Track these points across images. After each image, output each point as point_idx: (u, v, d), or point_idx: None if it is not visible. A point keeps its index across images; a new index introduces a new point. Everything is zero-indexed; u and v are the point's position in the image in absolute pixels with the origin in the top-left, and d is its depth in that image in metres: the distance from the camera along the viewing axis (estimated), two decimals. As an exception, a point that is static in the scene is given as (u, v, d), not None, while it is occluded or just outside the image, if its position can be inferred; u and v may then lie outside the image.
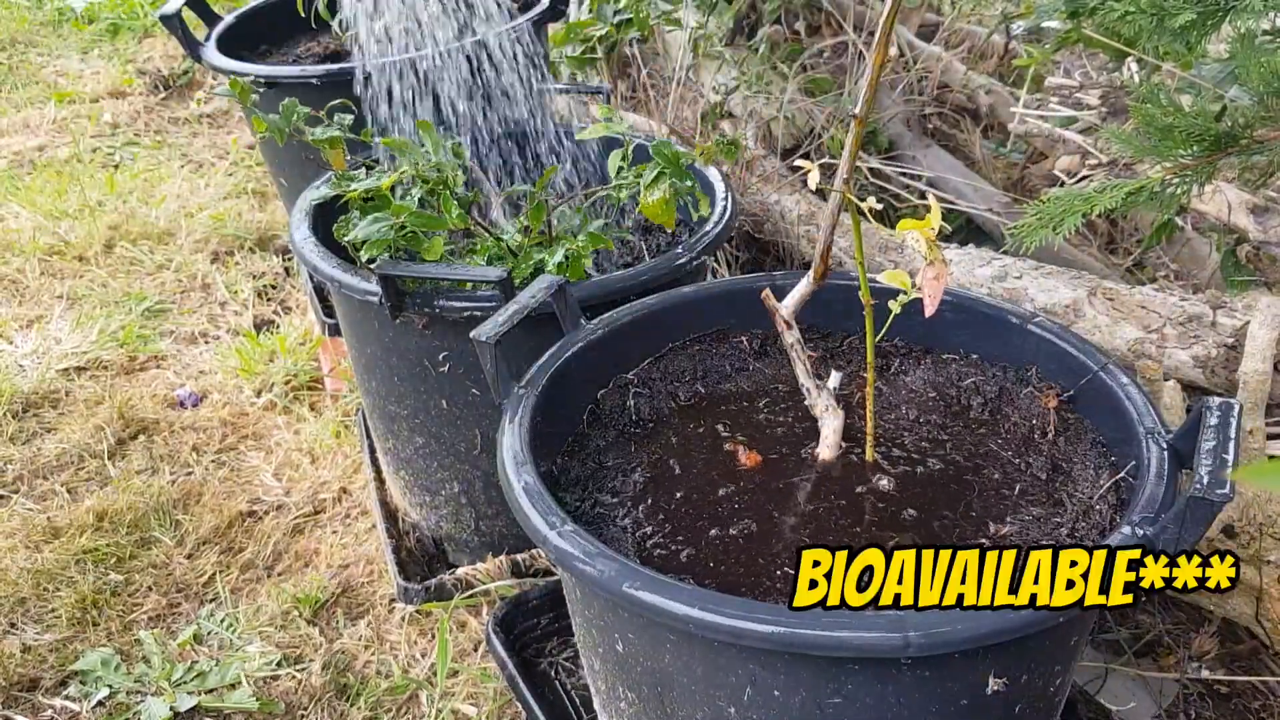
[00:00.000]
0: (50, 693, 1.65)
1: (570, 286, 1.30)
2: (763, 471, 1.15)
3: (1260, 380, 1.43)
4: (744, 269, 2.29)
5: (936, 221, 0.97)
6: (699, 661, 0.96)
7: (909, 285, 1.04)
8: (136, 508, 1.98)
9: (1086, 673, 1.53)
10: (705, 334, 1.36)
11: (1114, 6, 1.32)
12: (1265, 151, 1.31)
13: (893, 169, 2.49)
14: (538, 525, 0.98)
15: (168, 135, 3.64)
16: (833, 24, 2.92)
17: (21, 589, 1.82)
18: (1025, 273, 1.73)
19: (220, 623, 1.75)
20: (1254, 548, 1.36)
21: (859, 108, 0.99)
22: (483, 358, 1.16)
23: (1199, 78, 1.74)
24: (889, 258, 1.94)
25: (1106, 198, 1.30)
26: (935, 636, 0.84)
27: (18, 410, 2.28)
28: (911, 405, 1.25)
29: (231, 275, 2.77)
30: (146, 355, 2.47)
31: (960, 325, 1.29)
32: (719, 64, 2.71)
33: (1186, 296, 1.61)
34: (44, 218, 3.03)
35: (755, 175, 2.30)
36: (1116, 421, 1.12)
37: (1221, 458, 0.94)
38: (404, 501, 1.83)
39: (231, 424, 2.23)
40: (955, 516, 1.08)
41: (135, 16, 4.50)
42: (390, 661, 1.67)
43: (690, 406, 1.28)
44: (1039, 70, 2.60)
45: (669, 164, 1.44)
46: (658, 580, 0.91)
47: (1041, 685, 1.01)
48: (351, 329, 1.66)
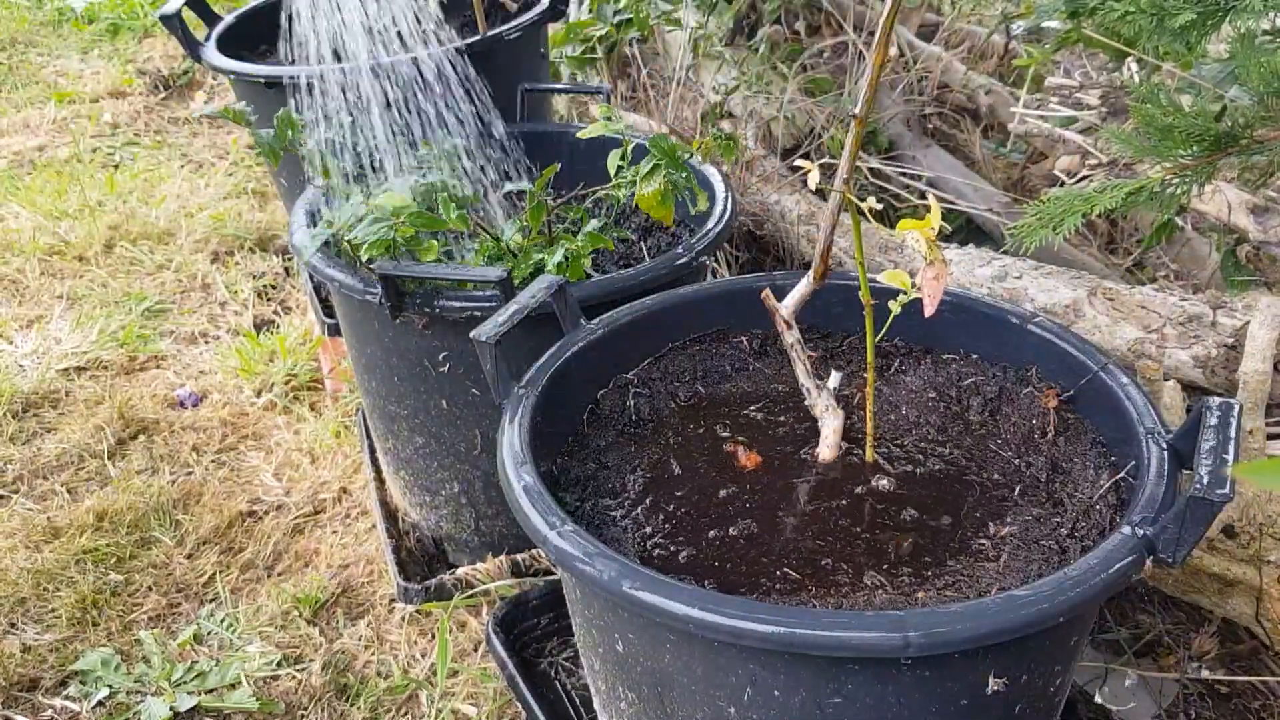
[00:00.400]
0: (50, 693, 1.65)
1: (570, 286, 1.30)
2: (763, 472, 1.15)
3: (1260, 380, 1.43)
4: (744, 269, 2.29)
5: (936, 222, 0.97)
6: (699, 661, 0.96)
7: (909, 285, 1.04)
8: (136, 508, 1.98)
9: (1086, 673, 1.53)
10: (705, 334, 1.36)
11: (1114, 6, 1.32)
12: (1265, 151, 1.31)
13: (893, 169, 2.49)
14: (538, 525, 0.98)
15: (168, 135, 3.64)
16: (833, 24, 2.93)
17: (21, 589, 1.82)
18: (1025, 273, 1.73)
19: (220, 623, 1.75)
20: (1254, 548, 1.36)
21: (859, 108, 0.99)
22: (483, 358, 1.16)
23: (1199, 78, 1.74)
24: (889, 258, 1.94)
25: (1106, 198, 1.30)
26: (935, 636, 0.84)
27: (18, 410, 2.28)
28: (911, 405, 1.25)
29: (231, 275, 2.77)
30: (146, 355, 2.47)
31: (960, 325, 1.29)
32: (719, 64, 2.71)
33: (1186, 296, 1.61)
34: (44, 218, 3.03)
35: (755, 175, 2.30)
36: (1116, 421, 1.12)
37: (1221, 458, 0.94)
38: (404, 501, 1.83)
39: (231, 424, 2.23)
40: (955, 517, 1.08)
41: (135, 16, 4.50)
42: (390, 661, 1.67)
43: (690, 407, 1.28)
44: (1039, 70, 2.60)
45: (665, 156, 1.43)
46: (658, 580, 0.91)
47: (1041, 685, 1.01)
48: (351, 329, 1.66)
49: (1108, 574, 0.89)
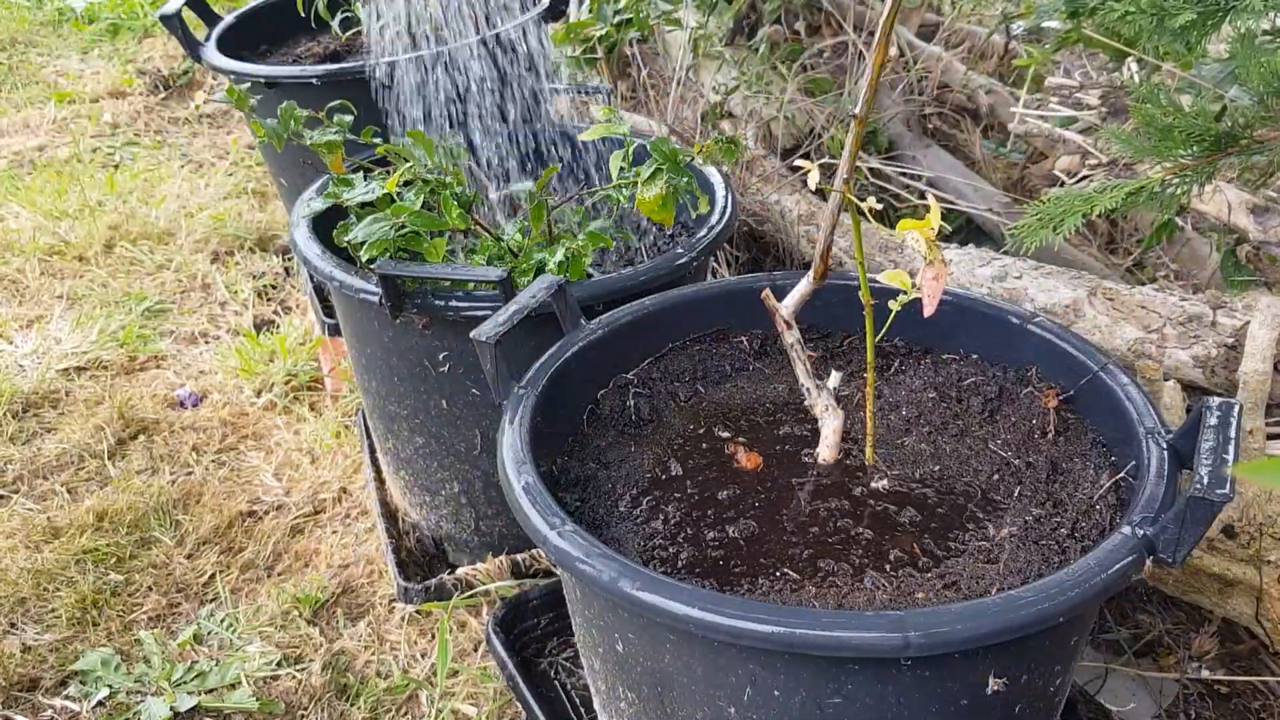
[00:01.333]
0: (50, 693, 1.65)
1: (570, 286, 1.30)
2: (763, 472, 1.15)
3: (1260, 380, 1.43)
4: (744, 269, 2.29)
5: (936, 222, 0.97)
6: (699, 661, 0.96)
7: (909, 285, 1.04)
8: (136, 508, 1.98)
9: (1086, 673, 1.53)
10: (705, 334, 1.36)
11: (1114, 6, 1.32)
12: (1265, 151, 1.31)
13: (893, 169, 2.49)
14: (538, 525, 0.98)
15: (168, 135, 3.64)
16: (833, 24, 2.92)
17: (21, 589, 1.82)
18: (1025, 273, 1.73)
19: (220, 623, 1.75)
20: (1254, 548, 1.36)
21: (859, 108, 0.99)
22: (483, 358, 1.16)
23: (1199, 78, 1.74)
24: (889, 258, 1.94)
25: (1106, 198, 1.30)
26: (935, 636, 0.84)
27: (18, 410, 2.28)
28: (911, 406, 1.25)
29: (231, 275, 2.77)
30: (146, 355, 2.47)
31: (960, 325, 1.29)
32: (719, 64, 2.71)
33: (1186, 296, 1.61)
34: (44, 218, 3.03)
35: (755, 175, 2.30)
36: (1116, 421, 1.12)
37: (1221, 458, 0.94)
38: (404, 501, 1.83)
39: (231, 424, 2.23)
40: (955, 517, 1.08)
41: (135, 16, 4.50)
42: (390, 662, 1.67)
43: (690, 407, 1.28)
44: (1039, 70, 2.60)
45: (666, 160, 1.43)
46: (658, 580, 0.91)
47: (1041, 685, 1.01)
48: (351, 329, 1.66)
49: (1108, 574, 0.89)
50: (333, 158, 1.63)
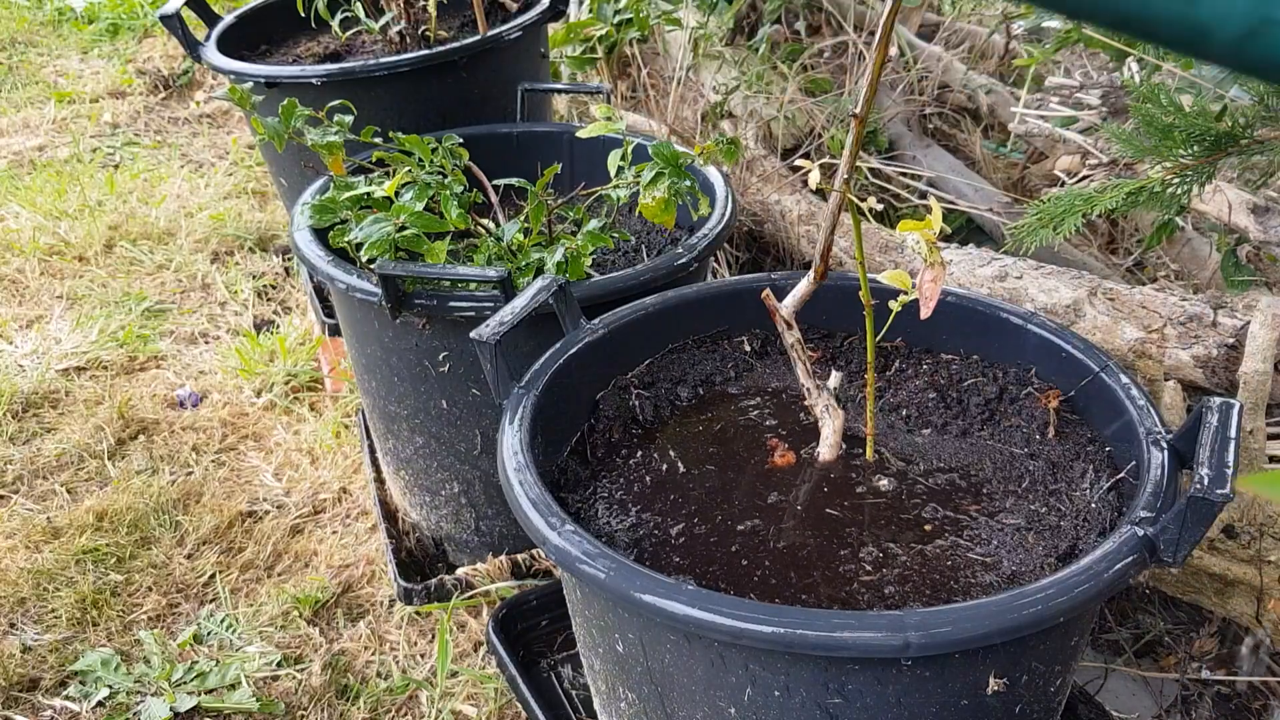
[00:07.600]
0: (50, 693, 1.65)
1: (570, 286, 1.30)
2: (763, 472, 1.15)
3: (1261, 380, 1.43)
4: (744, 269, 2.29)
5: (937, 224, 0.96)
6: (699, 662, 0.96)
7: (909, 285, 1.04)
8: (136, 508, 1.98)
9: (1086, 673, 1.53)
10: (706, 334, 1.36)
11: (1114, 6, 1.32)
12: (1265, 151, 1.31)
13: (893, 169, 2.49)
14: (538, 526, 0.98)
15: (168, 135, 3.64)
16: (833, 24, 2.93)
17: (21, 589, 1.82)
18: (1025, 273, 1.73)
19: (220, 623, 1.75)
20: (1254, 548, 1.36)
21: (859, 107, 0.98)
22: (483, 358, 1.16)
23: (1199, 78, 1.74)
24: (889, 258, 1.94)
25: (1107, 198, 1.30)
26: (935, 636, 0.84)
27: (18, 410, 2.28)
28: (912, 405, 1.25)
29: (231, 275, 2.77)
30: (146, 355, 2.47)
31: (960, 325, 1.29)
32: (719, 64, 2.71)
33: (1187, 296, 1.61)
34: (44, 218, 3.03)
35: (755, 175, 2.30)
36: (1117, 422, 1.12)
37: (1222, 458, 0.93)
38: (404, 501, 1.83)
39: (231, 424, 2.23)
40: (955, 517, 1.08)
41: (135, 16, 4.50)
42: (390, 662, 1.67)
43: (690, 407, 1.28)
44: (1039, 70, 2.60)
45: (668, 164, 1.43)
46: (658, 580, 0.91)
47: (1042, 685, 1.01)
48: (351, 329, 1.66)
49: (1108, 574, 0.89)
50: (333, 159, 1.63)
